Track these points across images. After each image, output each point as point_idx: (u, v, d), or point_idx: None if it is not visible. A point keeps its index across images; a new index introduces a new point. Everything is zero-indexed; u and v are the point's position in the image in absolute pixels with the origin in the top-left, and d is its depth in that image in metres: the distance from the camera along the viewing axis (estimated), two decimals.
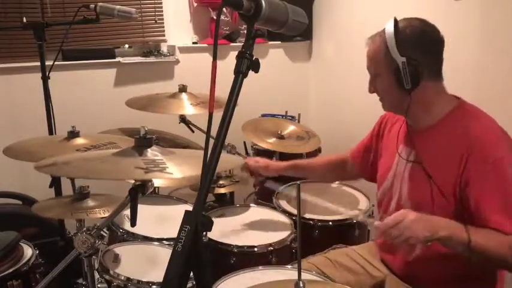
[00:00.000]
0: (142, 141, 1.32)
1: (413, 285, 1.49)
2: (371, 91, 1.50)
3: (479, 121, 1.39)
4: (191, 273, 0.83)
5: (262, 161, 1.97)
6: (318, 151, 2.59)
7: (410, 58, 1.35)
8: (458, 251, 1.28)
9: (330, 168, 1.97)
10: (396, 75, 1.37)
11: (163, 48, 3.05)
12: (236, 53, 0.87)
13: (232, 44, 3.05)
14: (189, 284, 1.27)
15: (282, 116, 2.79)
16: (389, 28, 1.38)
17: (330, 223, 1.96)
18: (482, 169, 1.31)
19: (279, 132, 2.53)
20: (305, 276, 1.47)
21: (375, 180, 1.68)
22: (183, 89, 2.36)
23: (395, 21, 1.39)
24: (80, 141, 1.77)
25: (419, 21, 1.42)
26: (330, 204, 1.69)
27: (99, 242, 1.24)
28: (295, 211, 2.01)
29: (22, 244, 1.73)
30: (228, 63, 1.02)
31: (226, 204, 2.38)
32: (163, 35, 3.03)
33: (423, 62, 1.36)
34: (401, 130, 1.55)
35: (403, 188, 1.49)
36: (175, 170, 1.21)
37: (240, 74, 0.86)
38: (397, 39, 1.36)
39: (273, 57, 3.28)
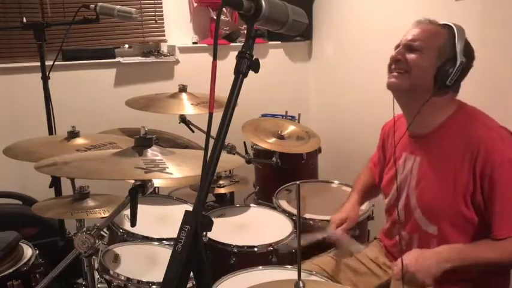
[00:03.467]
0: (143, 141, 1.32)
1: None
2: (398, 59, 1.43)
3: (483, 123, 1.39)
4: (191, 273, 0.83)
5: (342, 224, 1.70)
6: (318, 151, 2.59)
7: (466, 64, 1.39)
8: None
9: (374, 184, 1.84)
10: (443, 66, 1.37)
11: (163, 48, 3.05)
12: (236, 53, 0.87)
13: (232, 44, 3.05)
14: (189, 284, 1.28)
15: (282, 116, 2.79)
16: (459, 27, 1.41)
17: None
18: (490, 173, 1.31)
19: (279, 132, 2.53)
20: (305, 276, 1.47)
21: None
22: (183, 89, 2.36)
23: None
24: (80, 141, 1.77)
25: None
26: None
27: (99, 242, 1.24)
28: (295, 211, 2.01)
29: (22, 244, 1.73)
30: (228, 63, 1.02)
31: (226, 204, 2.38)
32: (163, 35, 3.03)
33: (466, 72, 1.41)
34: (402, 139, 1.54)
35: (411, 195, 1.49)
36: (175, 170, 1.21)
37: (240, 74, 0.86)
38: (465, 42, 1.40)
39: (273, 57, 3.28)
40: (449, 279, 1.33)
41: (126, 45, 2.99)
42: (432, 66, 1.39)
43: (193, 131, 2.40)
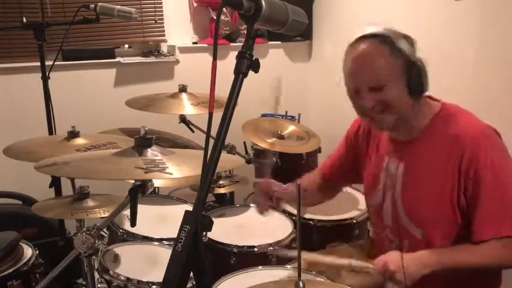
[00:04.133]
0: (142, 141, 1.32)
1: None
2: (372, 105, 1.33)
3: (467, 122, 1.35)
4: (191, 273, 0.83)
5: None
6: (318, 151, 2.59)
7: (421, 60, 1.31)
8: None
9: (317, 191, 1.77)
10: (411, 78, 1.29)
11: (163, 48, 3.05)
12: (236, 53, 0.87)
13: (232, 44, 3.06)
14: (189, 284, 1.28)
15: (282, 116, 2.79)
16: (389, 31, 1.33)
17: (330, 223, 1.96)
18: (473, 174, 1.29)
19: (279, 132, 2.53)
20: (305, 276, 1.47)
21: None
22: (183, 89, 2.36)
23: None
24: (80, 141, 1.77)
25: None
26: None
27: (99, 242, 1.24)
28: (295, 211, 2.01)
29: (22, 244, 1.73)
30: (228, 63, 1.02)
31: (226, 204, 2.39)
32: (164, 35, 3.03)
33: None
34: (383, 141, 1.50)
35: (397, 200, 1.44)
36: (175, 170, 1.21)
37: (240, 74, 0.86)
38: (403, 36, 1.31)
39: (273, 57, 3.28)
40: (438, 279, 1.32)
41: (126, 45, 3.00)
42: (402, 86, 1.31)
43: (193, 131, 2.40)
